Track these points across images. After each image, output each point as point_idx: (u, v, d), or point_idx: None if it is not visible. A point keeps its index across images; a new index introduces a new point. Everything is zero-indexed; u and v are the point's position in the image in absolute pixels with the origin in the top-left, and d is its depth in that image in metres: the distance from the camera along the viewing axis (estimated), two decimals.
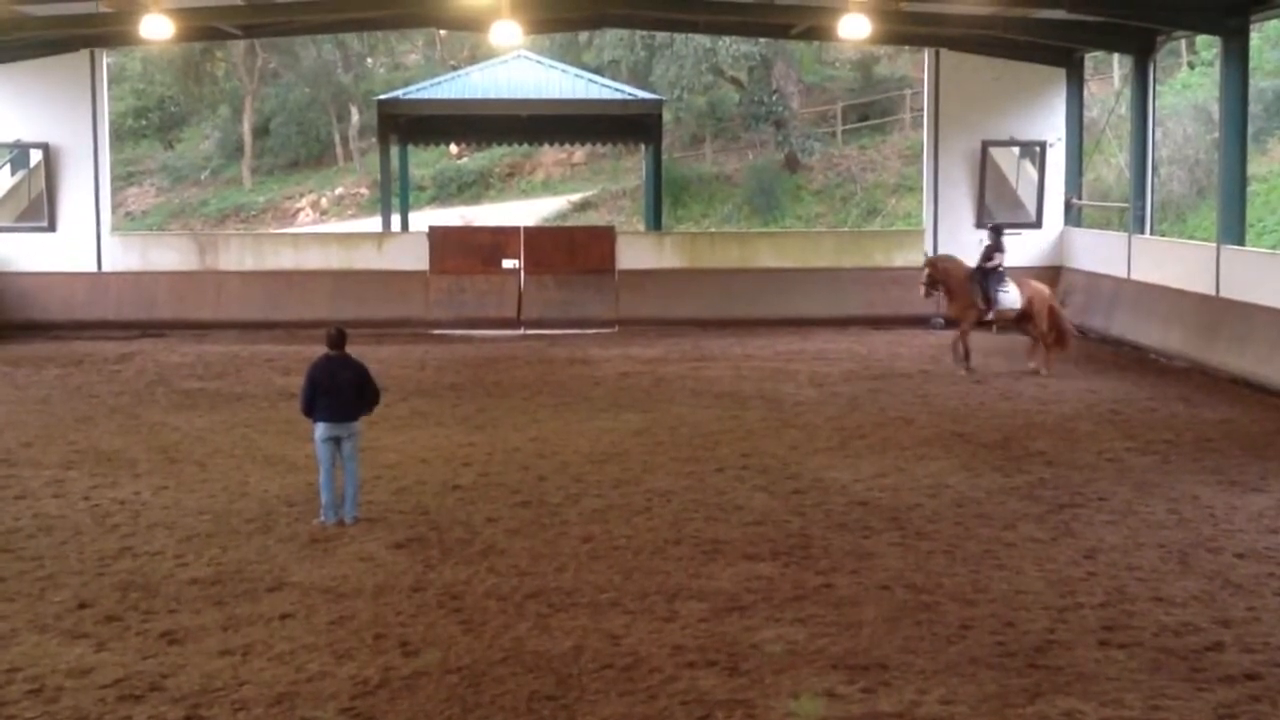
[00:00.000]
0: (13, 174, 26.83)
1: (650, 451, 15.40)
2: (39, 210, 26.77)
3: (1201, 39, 35.69)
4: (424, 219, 36.51)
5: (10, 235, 26.74)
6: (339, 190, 49.02)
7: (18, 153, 26.71)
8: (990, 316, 21.12)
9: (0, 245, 26.73)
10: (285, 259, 27.74)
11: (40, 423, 17.27)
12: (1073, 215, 27.66)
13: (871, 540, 11.73)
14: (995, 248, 21.22)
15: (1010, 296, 20.80)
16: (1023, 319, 20.93)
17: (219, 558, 11.24)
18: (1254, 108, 26.77)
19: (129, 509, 12.87)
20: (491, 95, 29.14)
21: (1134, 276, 24.39)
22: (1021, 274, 22.14)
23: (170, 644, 9.20)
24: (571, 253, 27.56)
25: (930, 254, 23.62)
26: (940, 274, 21.36)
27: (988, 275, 20.97)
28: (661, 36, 42.70)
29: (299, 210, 48.16)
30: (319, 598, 10.18)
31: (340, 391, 12.30)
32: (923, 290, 21.71)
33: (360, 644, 9.19)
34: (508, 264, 27.30)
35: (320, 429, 12.32)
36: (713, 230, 39.78)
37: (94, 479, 14.09)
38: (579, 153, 47.18)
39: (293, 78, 52.26)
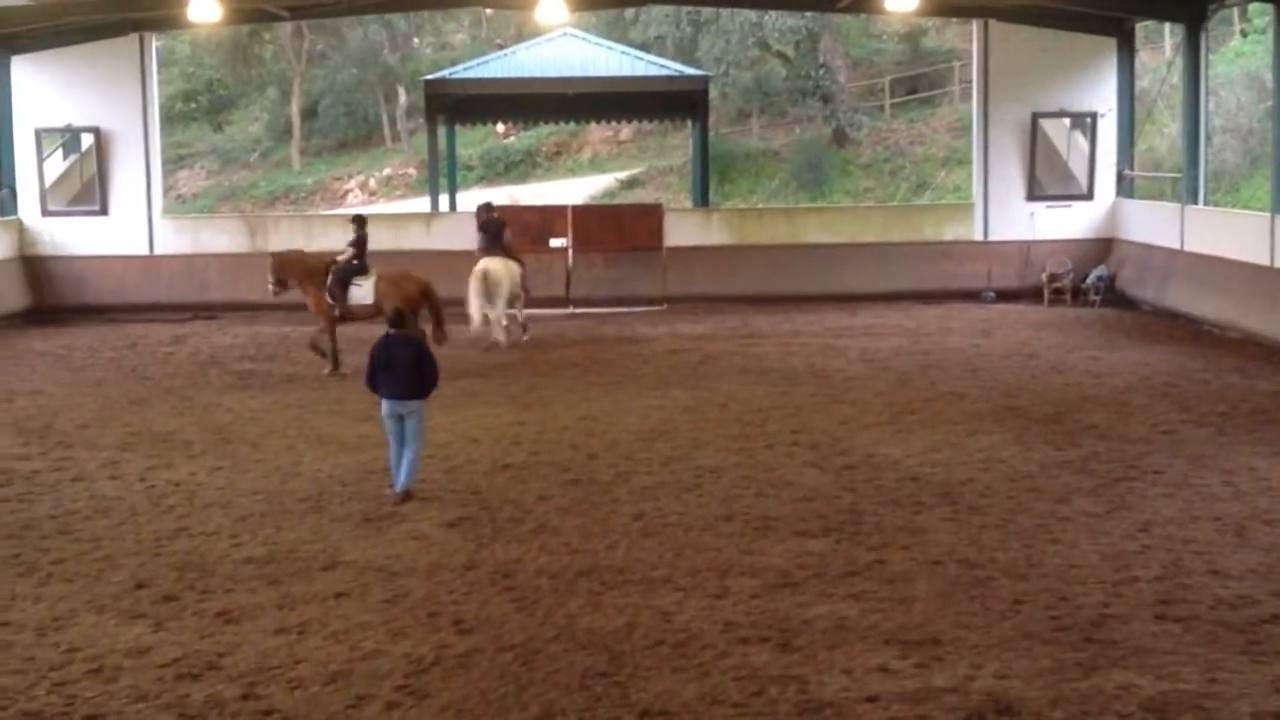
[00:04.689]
0: (65, 158, 27.03)
1: (700, 428, 15.40)
2: (91, 194, 26.96)
3: (1254, 6, 35.09)
4: (472, 199, 36.52)
5: (63, 219, 26.95)
6: (387, 171, 49.17)
7: (69, 137, 26.90)
8: (342, 312, 19.59)
9: (53, 229, 26.95)
10: (335, 240, 27.75)
11: (96, 405, 17.45)
12: (1125, 186, 27.39)
13: (923, 515, 11.69)
14: (354, 241, 19.89)
15: (362, 291, 19.52)
16: (377, 314, 19.04)
17: (273, 537, 11.34)
18: None
19: (184, 490, 12.99)
20: (538, 74, 29.09)
21: (1187, 247, 24.14)
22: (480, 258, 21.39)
23: (227, 623, 9.30)
24: (619, 231, 27.47)
25: (276, 251, 21.25)
26: (285, 270, 19.90)
27: (343, 268, 19.63)
28: (707, 12, 42.50)
29: (348, 191, 48.35)
30: (373, 576, 10.25)
31: (397, 370, 12.41)
32: (271, 290, 20.14)
33: (414, 622, 9.25)
34: (556, 243, 27.26)
35: (384, 406, 12.52)
36: (760, 206, 39.64)
37: (149, 460, 14.23)
38: (626, 130, 47.10)
39: (340, 59, 52.42)
